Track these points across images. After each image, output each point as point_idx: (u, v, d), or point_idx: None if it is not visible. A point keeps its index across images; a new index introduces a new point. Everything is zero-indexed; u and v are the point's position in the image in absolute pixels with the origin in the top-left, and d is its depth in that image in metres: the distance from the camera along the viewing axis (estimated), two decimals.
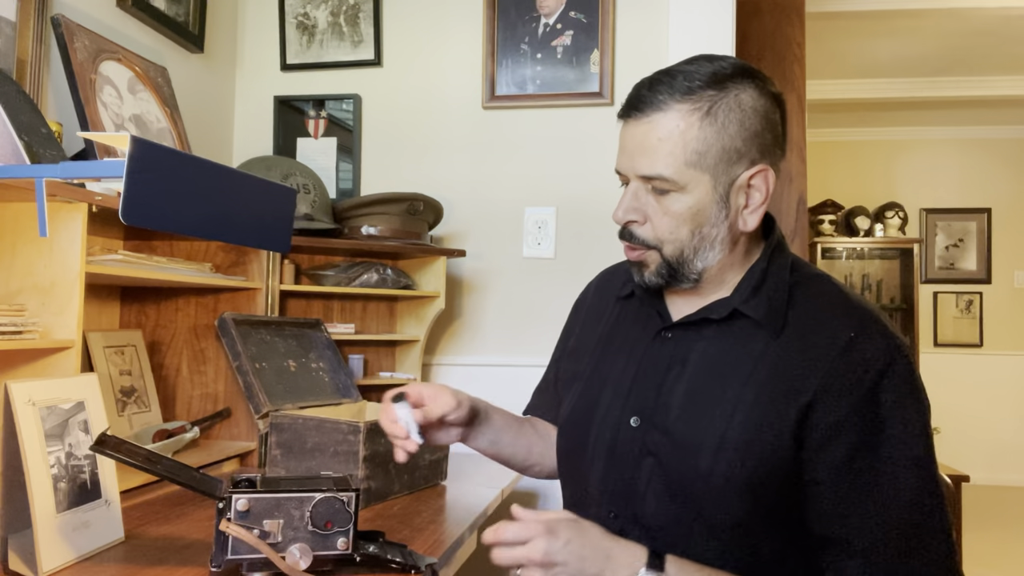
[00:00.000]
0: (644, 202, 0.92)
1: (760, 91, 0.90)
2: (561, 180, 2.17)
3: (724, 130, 0.88)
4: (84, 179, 1.19)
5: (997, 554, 3.89)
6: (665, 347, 0.97)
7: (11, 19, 1.48)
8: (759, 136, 0.90)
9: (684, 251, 0.92)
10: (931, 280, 5.68)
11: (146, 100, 1.76)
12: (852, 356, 0.87)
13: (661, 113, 0.88)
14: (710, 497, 0.88)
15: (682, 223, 0.91)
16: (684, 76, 0.89)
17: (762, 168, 0.90)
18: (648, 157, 0.89)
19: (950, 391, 5.42)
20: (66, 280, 1.19)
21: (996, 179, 5.63)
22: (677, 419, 0.92)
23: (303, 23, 2.30)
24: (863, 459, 0.86)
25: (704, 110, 0.87)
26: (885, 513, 0.85)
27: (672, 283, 0.95)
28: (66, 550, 0.98)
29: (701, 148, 0.88)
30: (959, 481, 2.70)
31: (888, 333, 0.89)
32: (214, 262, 1.71)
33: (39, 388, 0.99)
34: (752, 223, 0.92)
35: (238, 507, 0.90)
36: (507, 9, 2.18)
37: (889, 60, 4.39)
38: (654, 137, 0.89)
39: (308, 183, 1.99)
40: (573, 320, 1.20)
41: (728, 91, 0.88)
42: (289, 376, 1.68)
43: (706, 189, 0.89)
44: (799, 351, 0.89)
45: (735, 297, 0.94)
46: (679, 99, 0.88)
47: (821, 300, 0.93)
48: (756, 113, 0.89)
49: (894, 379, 0.86)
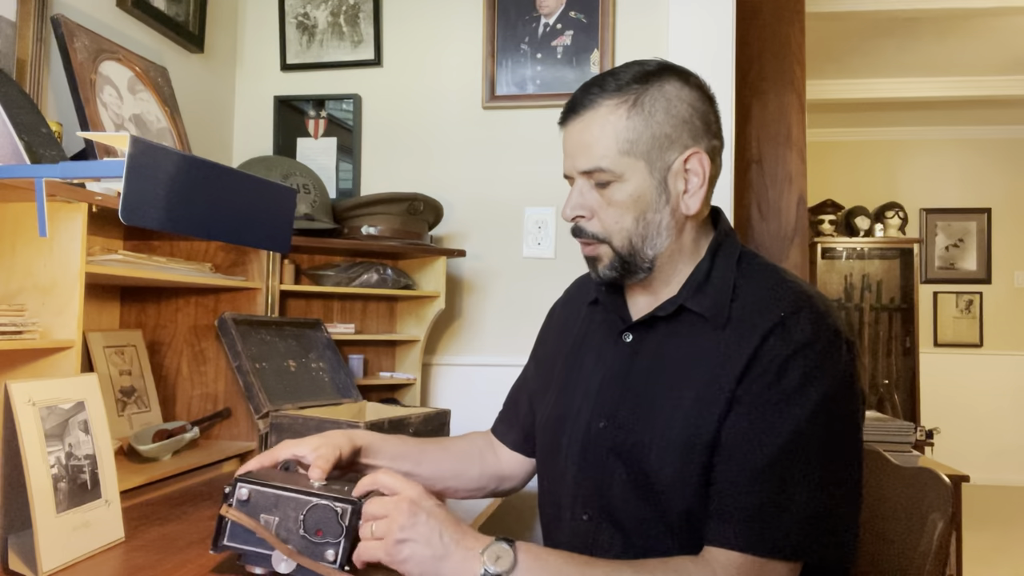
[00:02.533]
0: (589, 198, 0.98)
1: (683, 82, 0.95)
2: (561, 180, 2.16)
3: (651, 118, 0.93)
4: (84, 179, 1.19)
5: (997, 554, 3.89)
6: (626, 348, 1.00)
7: (11, 19, 1.48)
8: (687, 122, 0.94)
9: (632, 239, 0.96)
10: (931, 280, 5.68)
11: (146, 100, 1.76)
12: (774, 337, 0.88)
13: (592, 111, 0.95)
14: (666, 495, 0.90)
15: (625, 211, 0.95)
16: (612, 76, 0.95)
17: (694, 151, 0.94)
18: (585, 152, 0.95)
19: (950, 391, 5.42)
20: (66, 280, 1.19)
21: (996, 179, 5.63)
22: (634, 419, 0.94)
23: (303, 23, 2.30)
24: (741, 423, 0.87)
25: (630, 102, 0.93)
26: (740, 476, 0.85)
27: (627, 276, 0.98)
28: (66, 550, 0.98)
29: (632, 136, 0.93)
30: (959, 481, 2.70)
31: (820, 316, 0.89)
32: (214, 262, 1.71)
33: (39, 388, 0.99)
34: (694, 206, 0.96)
35: (240, 495, 0.90)
36: (507, 9, 2.18)
37: (889, 60, 4.39)
38: (588, 134, 0.95)
39: (308, 183, 1.99)
40: (545, 330, 1.23)
41: (651, 84, 0.94)
42: (289, 376, 1.68)
43: (643, 175, 0.94)
44: (735, 342, 0.90)
45: (681, 294, 0.97)
46: (608, 96, 0.94)
47: (762, 291, 0.94)
48: (681, 101, 0.94)
49: (809, 356, 0.87)
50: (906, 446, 2.35)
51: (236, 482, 0.91)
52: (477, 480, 1.19)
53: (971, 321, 5.62)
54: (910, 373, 5.22)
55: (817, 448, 0.85)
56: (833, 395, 0.86)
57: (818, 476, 0.84)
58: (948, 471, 2.67)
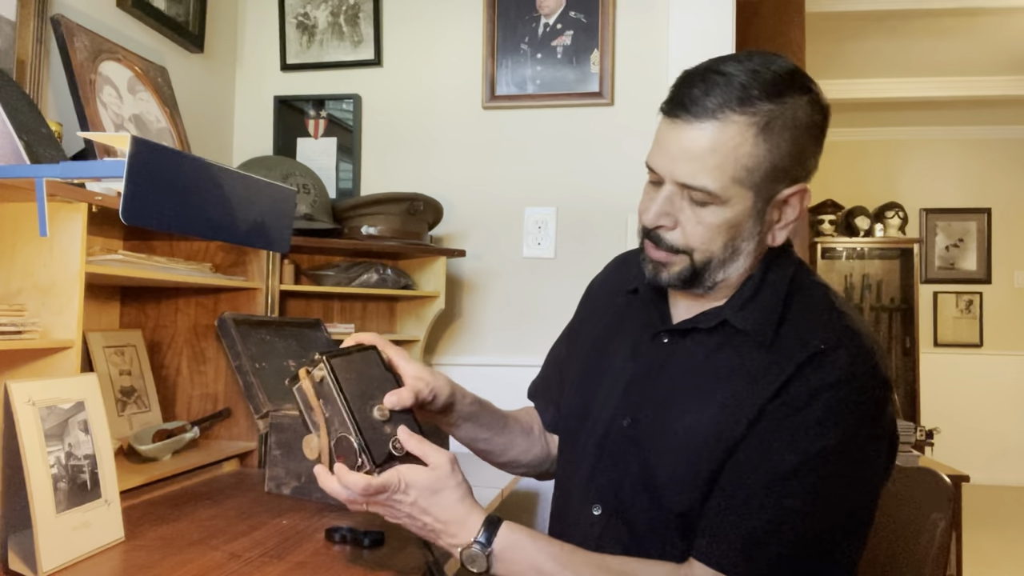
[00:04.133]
0: (677, 208, 0.88)
1: (814, 105, 0.86)
2: (561, 180, 2.17)
3: (776, 148, 0.84)
4: (84, 179, 1.19)
5: (997, 554, 3.89)
6: (662, 349, 0.98)
7: (11, 19, 1.48)
8: (806, 154, 0.87)
9: (713, 261, 0.90)
10: (931, 280, 5.69)
11: (146, 100, 1.76)
12: (810, 368, 0.85)
13: (716, 123, 0.83)
14: (679, 501, 0.89)
15: (717, 235, 0.88)
16: (741, 81, 0.83)
17: (801, 188, 0.89)
18: (693, 166, 0.85)
19: (950, 391, 5.42)
20: (66, 280, 1.19)
21: (996, 179, 5.63)
22: (659, 422, 0.93)
23: (303, 23, 2.30)
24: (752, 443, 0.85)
25: (760, 125, 0.83)
26: (736, 495, 0.84)
27: (690, 287, 0.93)
28: (66, 550, 0.98)
29: (751, 164, 0.84)
30: (959, 481, 2.70)
31: (861, 355, 0.86)
32: (214, 262, 1.71)
33: (39, 388, 0.99)
34: (781, 238, 0.91)
35: (317, 374, 0.91)
36: (507, 9, 2.18)
37: (889, 60, 4.39)
38: (704, 147, 0.84)
39: (308, 183, 1.99)
40: (583, 306, 1.18)
41: (786, 105, 0.84)
42: (289, 376, 1.68)
43: (746, 205, 0.87)
44: (772, 365, 0.87)
45: (727, 308, 0.93)
46: (736, 109, 0.83)
47: (810, 316, 0.90)
48: (808, 129, 0.86)
49: (838, 395, 0.83)
50: (906, 446, 2.36)
51: (324, 359, 0.91)
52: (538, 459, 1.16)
53: (971, 321, 5.62)
54: (910, 373, 5.23)
55: (821, 487, 0.82)
56: (853, 438, 0.84)
57: (814, 515, 0.82)
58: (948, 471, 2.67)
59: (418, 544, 0.98)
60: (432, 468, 0.87)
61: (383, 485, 0.85)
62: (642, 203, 0.93)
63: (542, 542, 0.87)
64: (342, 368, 0.92)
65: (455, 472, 0.87)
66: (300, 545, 1.11)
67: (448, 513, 0.86)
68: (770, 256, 0.94)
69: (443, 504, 0.86)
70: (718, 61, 0.87)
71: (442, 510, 0.86)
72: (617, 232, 2.11)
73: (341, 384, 0.91)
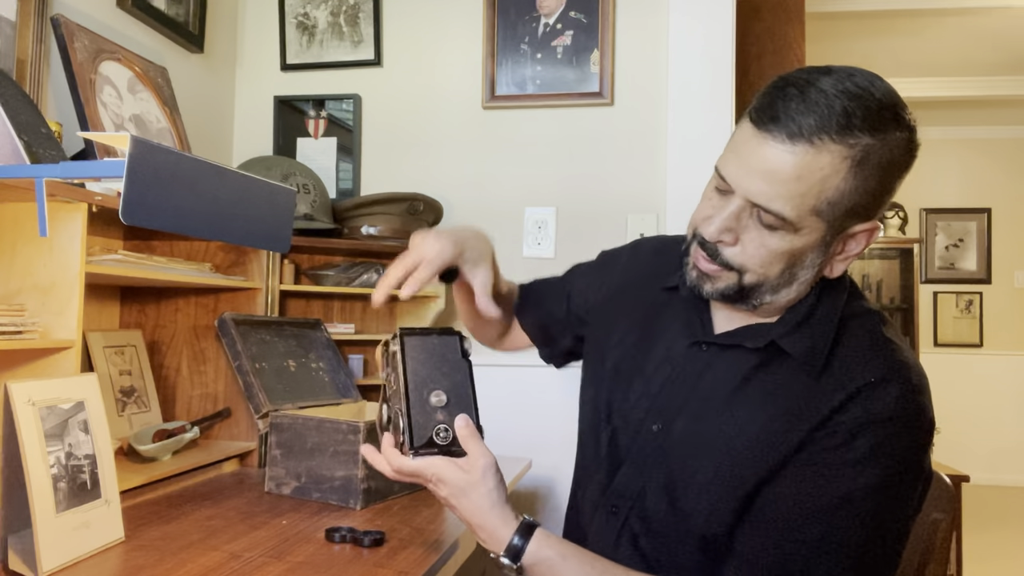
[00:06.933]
0: (743, 225, 0.83)
1: (910, 145, 0.80)
2: (561, 180, 2.17)
3: (865, 184, 0.78)
4: (84, 179, 1.19)
5: (997, 554, 3.89)
6: (701, 357, 0.94)
7: (11, 19, 1.48)
8: (888, 194, 0.82)
9: (764, 285, 0.85)
10: (931, 280, 5.69)
11: (146, 100, 1.76)
12: (857, 401, 0.82)
13: (811, 148, 0.76)
14: (701, 516, 0.88)
15: (777, 260, 0.83)
16: (844, 106, 0.76)
17: (873, 226, 0.84)
18: (774, 189, 0.78)
19: (950, 391, 5.41)
20: (66, 280, 1.19)
21: (996, 179, 5.63)
22: (691, 434, 0.91)
23: (303, 23, 2.30)
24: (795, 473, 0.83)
25: (856, 159, 0.77)
26: (774, 525, 0.83)
27: (729, 303, 0.89)
28: (66, 550, 0.98)
29: (835, 199, 0.78)
30: (959, 481, 2.70)
31: (910, 392, 0.82)
32: (214, 262, 1.71)
33: (39, 388, 0.99)
34: (839, 271, 0.87)
35: (393, 347, 0.94)
36: (507, 9, 2.18)
37: (889, 60, 4.39)
38: (790, 172, 0.77)
39: (308, 183, 1.99)
40: (600, 274, 1.15)
41: (884, 141, 0.77)
42: (289, 376, 1.68)
43: (817, 236, 0.82)
44: (819, 394, 0.84)
45: (776, 328, 0.89)
46: (835, 138, 0.76)
47: (861, 344, 0.86)
48: (898, 171, 0.80)
49: (885, 431, 0.81)
50: None
51: (400, 335, 0.94)
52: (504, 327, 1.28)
53: (971, 321, 5.62)
54: None
55: (860, 524, 0.81)
56: (895, 476, 0.82)
57: (852, 552, 0.81)
58: (948, 471, 2.67)
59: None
60: (465, 470, 0.87)
61: (415, 471, 0.88)
62: (702, 208, 0.87)
63: (573, 561, 0.86)
64: (414, 347, 0.94)
65: (486, 479, 0.87)
66: (300, 545, 1.12)
67: (477, 518, 0.87)
68: (824, 280, 0.89)
69: (471, 508, 0.87)
70: (817, 74, 0.79)
71: (471, 513, 0.87)
72: (617, 232, 2.11)
73: (407, 363, 0.93)
